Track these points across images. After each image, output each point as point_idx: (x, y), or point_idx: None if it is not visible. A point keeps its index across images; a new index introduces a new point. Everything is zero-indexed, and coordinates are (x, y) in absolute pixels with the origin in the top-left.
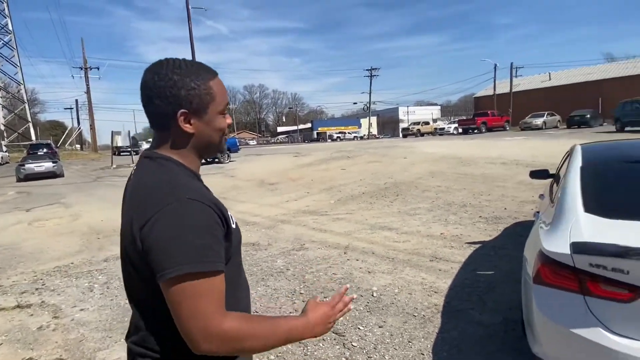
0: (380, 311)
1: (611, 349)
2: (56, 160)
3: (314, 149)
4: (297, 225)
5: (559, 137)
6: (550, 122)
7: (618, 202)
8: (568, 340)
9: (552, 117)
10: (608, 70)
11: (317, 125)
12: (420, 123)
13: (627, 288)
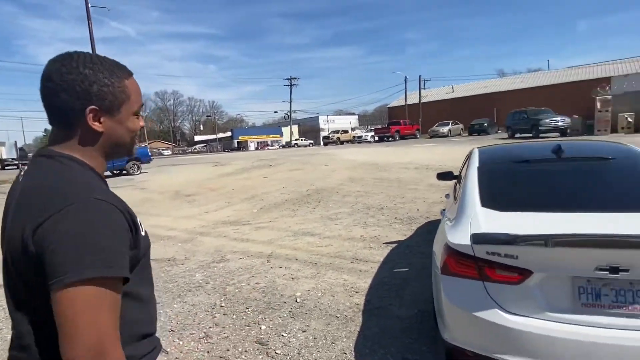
0: (303, 316)
1: (506, 327)
2: None
3: (234, 158)
4: (217, 236)
5: (462, 143)
6: (455, 130)
7: (508, 196)
8: (472, 323)
9: (456, 125)
10: (500, 84)
11: (237, 134)
12: (340, 131)
13: (517, 271)
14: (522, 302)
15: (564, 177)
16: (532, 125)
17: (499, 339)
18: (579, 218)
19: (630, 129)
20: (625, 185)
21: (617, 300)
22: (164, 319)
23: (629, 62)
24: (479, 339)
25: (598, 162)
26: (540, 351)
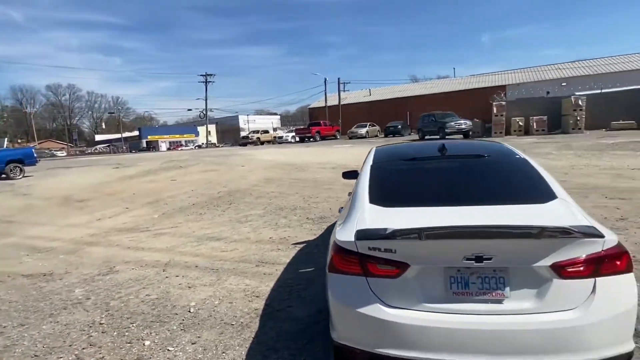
0: (195, 327)
1: (386, 321)
2: None
3: (141, 159)
4: (108, 246)
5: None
6: (372, 131)
7: (395, 193)
8: (356, 320)
9: (373, 127)
10: (413, 89)
11: (146, 133)
12: (259, 131)
13: (395, 265)
14: (401, 295)
15: (444, 174)
16: (439, 128)
17: (380, 333)
18: (454, 211)
19: (521, 132)
20: (495, 180)
21: (483, 287)
22: (28, 343)
23: (523, 72)
24: (363, 336)
25: (475, 160)
26: (416, 342)
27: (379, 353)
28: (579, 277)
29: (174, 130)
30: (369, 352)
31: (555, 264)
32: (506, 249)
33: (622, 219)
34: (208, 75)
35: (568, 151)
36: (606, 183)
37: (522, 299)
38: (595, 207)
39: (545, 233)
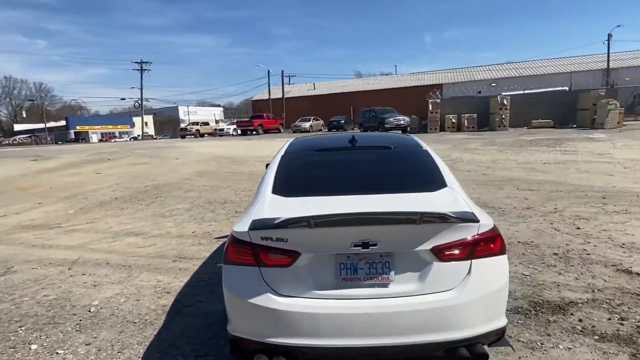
0: (93, 327)
1: (277, 310)
2: None
3: (65, 151)
4: (9, 244)
5: None
6: (316, 125)
7: (298, 183)
8: (248, 311)
9: (317, 121)
10: (357, 85)
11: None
12: (199, 123)
13: (287, 254)
14: (292, 283)
15: (349, 164)
16: (379, 123)
17: (271, 323)
18: (349, 200)
19: (454, 128)
20: (394, 170)
21: (370, 272)
22: None
23: (458, 72)
24: (255, 326)
25: (380, 151)
26: (306, 330)
27: (270, 343)
28: (456, 260)
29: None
30: (261, 342)
31: (435, 248)
32: (390, 235)
33: (528, 208)
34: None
35: (492, 147)
36: (521, 176)
37: (406, 281)
38: (507, 198)
39: (424, 218)
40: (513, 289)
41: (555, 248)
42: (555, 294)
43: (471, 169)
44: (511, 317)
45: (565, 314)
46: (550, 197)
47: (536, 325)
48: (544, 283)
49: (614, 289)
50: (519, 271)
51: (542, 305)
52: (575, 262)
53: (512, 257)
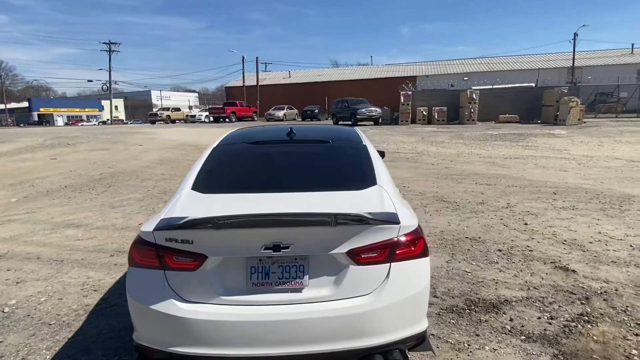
0: (1, 330)
1: (180, 317)
2: None
3: (23, 134)
4: None
5: None
6: (290, 114)
7: (220, 178)
8: (151, 318)
9: (291, 110)
10: (332, 74)
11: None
12: (170, 109)
13: (193, 257)
14: (199, 288)
15: (279, 159)
16: (351, 114)
17: (175, 331)
18: (268, 198)
19: (424, 121)
20: (325, 167)
21: (283, 276)
22: None
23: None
24: (159, 334)
25: (315, 145)
26: (212, 338)
27: (174, 352)
28: (374, 263)
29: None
30: (165, 352)
31: (351, 251)
32: (304, 237)
33: (482, 203)
34: (112, 44)
35: (459, 140)
36: (481, 170)
37: (320, 286)
38: (465, 192)
39: (339, 220)
40: (452, 287)
41: (500, 244)
42: (492, 291)
43: (435, 162)
44: (445, 317)
45: (498, 312)
46: (505, 192)
47: (467, 325)
48: (483, 280)
49: (549, 286)
50: (462, 268)
51: (477, 304)
52: (517, 258)
53: (457, 254)
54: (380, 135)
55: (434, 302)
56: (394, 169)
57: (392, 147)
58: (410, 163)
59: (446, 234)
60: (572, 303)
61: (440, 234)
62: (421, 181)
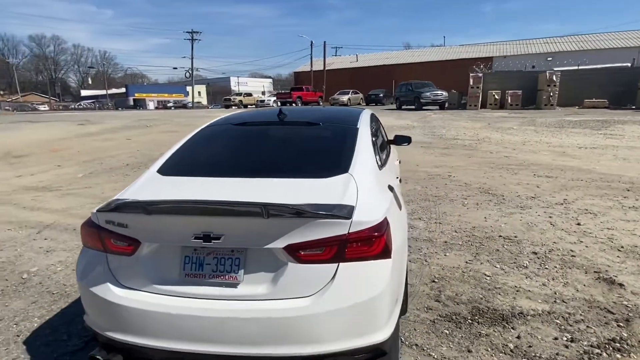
0: (13, 294)
1: (113, 302)
2: None
3: (114, 117)
4: (5, 204)
5: None
6: (354, 99)
7: (189, 160)
8: (92, 300)
9: (356, 94)
10: (400, 57)
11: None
12: (242, 94)
13: (128, 241)
14: (134, 275)
15: (258, 141)
16: (414, 98)
17: (110, 315)
18: (222, 183)
19: (496, 105)
20: (301, 151)
21: (217, 269)
22: None
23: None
24: (98, 317)
25: (301, 128)
26: (140, 327)
27: (110, 337)
28: (318, 262)
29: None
30: (104, 336)
31: (290, 246)
32: (237, 228)
33: (533, 198)
34: (194, 33)
35: (529, 127)
36: (545, 160)
37: (256, 283)
38: (517, 184)
39: (271, 211)
40: (462, 292)
41: (538, 246)
42: (508, 301)
43: (494, 151)
44: (440, 326)
45: (506, 327)
46: (565, 186)
47: (462, 338)
48: (502, 287)
49: (582, 301)
50: (481, 270)
51: (483, 314)
52: (552, 264)
53: (482, 254)
54: (443, 120)
55: (434, 308)
56: (446, 156)
57: (451, 134)
58: (465, 151)
59: (477, 231)
60: (605, 325)
61: (470, 231)
62: (471, 171)
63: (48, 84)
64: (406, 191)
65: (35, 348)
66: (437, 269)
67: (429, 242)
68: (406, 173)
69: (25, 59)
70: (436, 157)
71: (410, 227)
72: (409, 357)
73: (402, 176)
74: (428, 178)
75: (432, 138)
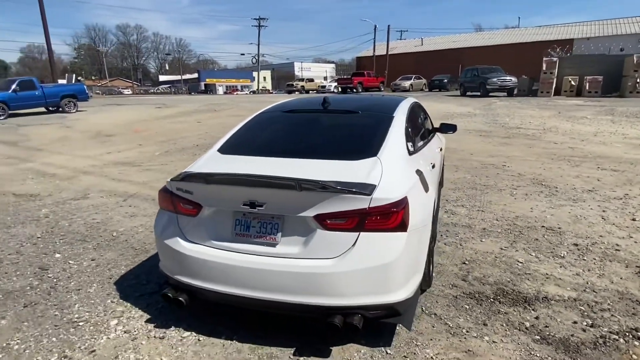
0: (106, 248)
1: (182, 253)
2: None
3: (187, 101)
4: (99, 176)
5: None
6: (417, 84)
7: (243, 142)
8: (166, 251)
9: (419, 80)
10: (468, 40)
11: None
12: (305, 80)
13: (193, 205)
14: (197, 232)
15: (301, 127)
16: (480, 84)
17: (178, 263)
18: (269, 162)
19: (572, 92)
20: (339, 136)
21: (260, 231)
22: None
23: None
24: (170, 264)
25: (343, 115)
26: (201, 273)
27: (178, 280)
28: (342, 230)
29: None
30: (173, 279)
31: (319, 216)
32: (276, 198)
33: (590, 191)
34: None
35: (606, 116)
36: (616, 153)
37: (291, 244)
38: (576, 177)
39: (303, 185)
40: (489, 274)
41: (582, 238)
42: (536, 287)
43: (559, 142)
44: (461, 301)
45: (527, 308)
46: (631, 181)
47: (480, 313)
48: (532, 273)
49: (614, 292)
50: (515, 257)
51: (507, 295)
52: (592, 256)
53: (519, 242)
54: (508, 107)
55: (459, 285)
56: (504, 146)
57: (514, 122)
58: (527, 140)
59: (520, 220)
60: (632, 315)
61: (512, 220)
62: (528, 161)
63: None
64: (454, 179)
65: (123, 288)
66: (470, 252)
67: (467, 228)
68: (458, 162)
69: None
70: (494, 146)
71: (450, 213)
72: (426, 323)
73: (453, 164)
74: (480, 167)
75: (492, 126)
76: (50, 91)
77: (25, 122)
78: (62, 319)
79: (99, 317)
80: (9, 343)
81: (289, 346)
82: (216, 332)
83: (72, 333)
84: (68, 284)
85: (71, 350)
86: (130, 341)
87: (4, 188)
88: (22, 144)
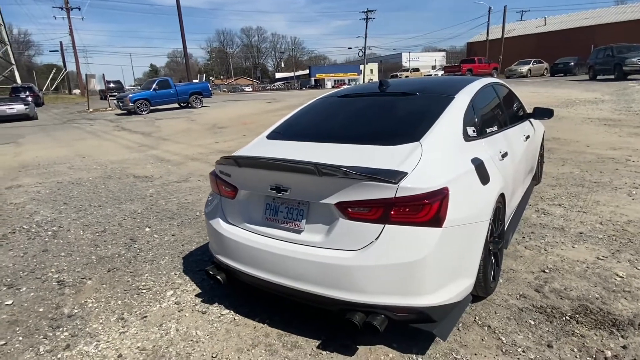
0: (188, 225)
1: (221, 234)
2: (28, 102)
3: (294, 96)
4: (203, 162)
5: (529, 85)
6: (537, 69)
7: (292, 127)
8: (211, 231)
9: (539, 64)
10: (605, 15)
11: (314, 72)
12: (409, 70)
13: (231, 188)
14: (234, 214)
15: (351, 112)
16: (614, 65)
17: (219, 243)
18: (309, 147)
19: None
20: (386, 120)
21: (287, 216)
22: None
23: None
24: (213, 243)
25: (396, 98)
26: (234, 254)
27: (217, 258)
28: (366, 221)
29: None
30: (215, 257)
31: (340, 203)
32: (299, 183)
33: None
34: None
35: None
36: None
37: (314, 232)
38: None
39: (322, 170)
40: (573, 287)
41: None
42: (634, 309)
43: None
44: (526, 314)
45: (613, 334)
46: None
47: (547, 332)
48: (633, 292)
49: None
50: (614, 269)
51: (589, 315)
52: None
53: (625, 251)
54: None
55: (529, 296)
56: (634, 137)
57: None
58: None
59: (631, 226)
60: None
61: (622, 225)
62: None
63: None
64: (557, 174)
65: (188, 263)
66: (555, 259)
67: (558, 231)
68: (567, 154)
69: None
70: (620, 137)
71: (542, 212)
72: (474, 334)
73: (560, 157)
74: (595, 161)
75: (623, 115)
76: (181, 89)
77: (161, 116)
78: (131, 285)
79: (159, 286)
80: (86, 301)
81: (316, 337)
82: (252, 313)
83: (135, 298)
84: (147, 255)
85: (129, 313)
86: (177, 312)
87: (129, 171)
88: (154, 134)
